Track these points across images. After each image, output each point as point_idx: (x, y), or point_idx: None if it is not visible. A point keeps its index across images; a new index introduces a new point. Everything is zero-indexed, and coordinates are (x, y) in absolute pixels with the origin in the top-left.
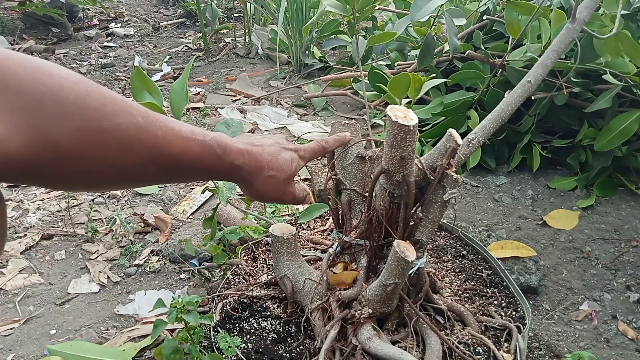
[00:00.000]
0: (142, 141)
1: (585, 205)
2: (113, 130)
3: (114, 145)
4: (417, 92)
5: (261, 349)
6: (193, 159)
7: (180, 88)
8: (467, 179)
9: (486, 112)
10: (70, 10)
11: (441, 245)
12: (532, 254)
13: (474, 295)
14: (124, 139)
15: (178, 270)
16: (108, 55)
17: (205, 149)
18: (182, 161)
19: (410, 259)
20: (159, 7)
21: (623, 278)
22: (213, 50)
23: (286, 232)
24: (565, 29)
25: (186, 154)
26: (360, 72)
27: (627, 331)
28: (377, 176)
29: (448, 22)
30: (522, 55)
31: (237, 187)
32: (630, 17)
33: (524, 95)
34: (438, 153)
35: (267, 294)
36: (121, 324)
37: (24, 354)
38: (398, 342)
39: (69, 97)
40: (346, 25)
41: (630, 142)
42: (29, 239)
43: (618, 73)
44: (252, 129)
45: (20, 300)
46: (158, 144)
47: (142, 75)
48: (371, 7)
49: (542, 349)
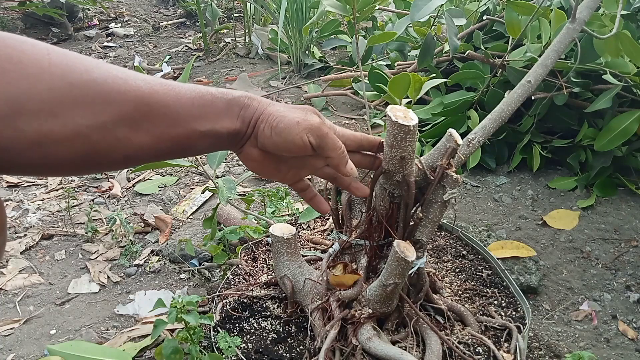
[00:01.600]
0: (124, 93)
1: (585, 205)
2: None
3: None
4: (417, 92)
5: (261, 349)
6: (186, 103)
7: None
8: (467, 179)
9: (486, 112)
10: (70, 10)
11: (441, 245)
12: (532, 254)
13: (474, 295)
14: (102, 93)
15: (178, 270)
16: (108, 56)
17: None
18: (175, 108)
19: (410, 259)
20: (159, 7)
21: (623, 278)
22: (213, 50)
23: (286, 232)
24: (565, 29)
25: (177, 98)
26: (360, 72)
27: (627, 331)
28: (377, 176)
29: (448, 22)
30: (522, 55)
31: (236, 188)
32: (630, 17)
33: (524, 95)
34: (438, 153)
35: (267, 294)
36: (121, 324)
37: (24, 354)
38: (398, 342)
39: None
40: (346, 25)
41: (630, 142)
42: (29, 239)
43: (618, 73)
44: None
45: (20, 300)
46: (142, 93)
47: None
48: (371, 7)
49: (542, 349)
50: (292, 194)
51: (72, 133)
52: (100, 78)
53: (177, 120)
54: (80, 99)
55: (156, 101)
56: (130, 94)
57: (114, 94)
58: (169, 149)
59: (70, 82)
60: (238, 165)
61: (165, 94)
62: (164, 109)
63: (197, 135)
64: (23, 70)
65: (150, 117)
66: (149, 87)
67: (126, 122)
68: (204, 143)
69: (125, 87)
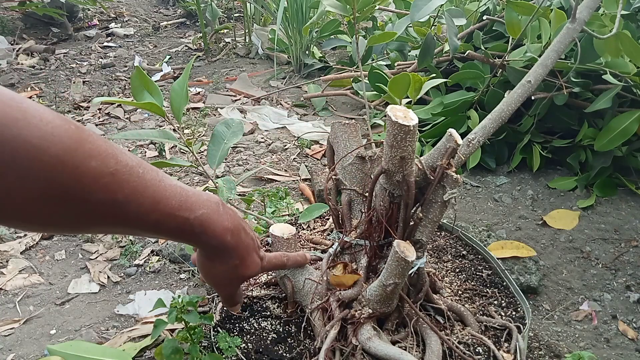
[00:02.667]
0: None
1: (585, 205)
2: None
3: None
4: (417, 92)
5: (261, 349)
6: (171, 227)
7: (180, 88)
8: (467, 179)
9: (486, 112)
10: (70, 10)
11: (441, 245)
12: (532, 254)
13: (474, 295)
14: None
15: (178, 270)
16: (108, 55)
17: (185, 224)
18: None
19: (410, 259)
20: (159, 7)
21: (623, 278)
22: (213, 50)
23: (286, 232)
24: (565, 29)
25: (165, 222)
26: (360, 72)
27: (627, 331)
28: (377, 176)
29: (448, 22)
30: (522, 55)
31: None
32: (630, 17)
33: (524, 95)
34: (438, 153)
35: (267, 294)
36: (121, 324)
37: (24, 354)
38: (398, 342)
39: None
40: (346, 25)
41: (630, 142)
42: (29, 239)
43: (618, 73)
44: (252, 129)
45: (20, 300)
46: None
47: (143, 76)
48: (371, 7)
49: (542, 349)
50: (292, 194)
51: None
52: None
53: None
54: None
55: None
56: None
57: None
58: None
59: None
60: (238, 165)
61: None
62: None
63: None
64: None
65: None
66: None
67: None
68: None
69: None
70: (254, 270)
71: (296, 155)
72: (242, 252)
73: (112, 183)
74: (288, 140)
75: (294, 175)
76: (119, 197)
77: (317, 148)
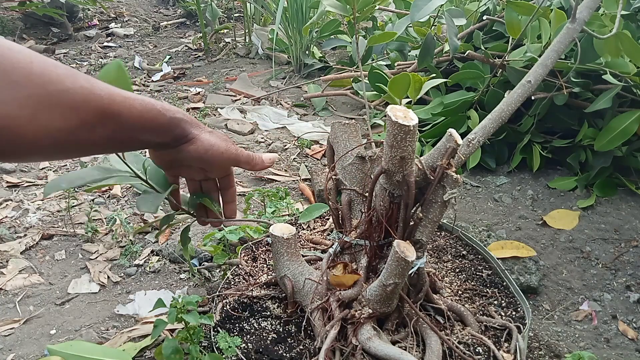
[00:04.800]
0: (88, 102)
1: (585, 205)
2: (60, 94)
3: (62, 107)
4: (417, 92)
5: (261, 349)
6: (136, 115)
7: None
8: (467, 179)
9: (486, 112)
10: (70, 10)
11: (441, 245)
12: (532, 254)
13: (474, 295)
14: (71, 101)
15: (178, 270)
16: (108, 55)
17: (146, 105)
18: (126, 118)
19: (410, 259)
20: (159, 7)
21: (623, 278)
22: (213, 50)
23: (286, 232)
24: (565, 29)
25: (130, 110)
26: (360, 72)
27: (627, 331)
28: (377, 176)
29: (448, 22)
30: (522, 55)
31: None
32: (630, 17)
33: (524, 95)
34: (438, 153)
35: (267, 294)
36: (121, 324)
37: (24, 354)
38: (398, 342)
39: (13, 65)
40: (346, 25)
41: (630, 142)
42: (29, 239)
43: (618, 73)
44: (252, 129)
45: (20, 300)
46: (102, 103)
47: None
48: (371, 7)
49: (542, 349)
50: (292, 194)
51: (43, 135)
52: (71, 88)
53: (124, 128)
54: (54, 106)
55: (112, 111)
56: (92, 103)
57: (80, 102)
58: (111, 147)
59: (47, 91)
60: None
61: (120, 103)
62: (117, 117)
63: (136, 142)
64: (7, 78)
65: (104, 122)
66: (109, 97)
67: (86, 126)
68: (137, 146)
69: (90, 97)
70: (233, 150)
71: (296, 155)
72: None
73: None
74: (288, 140)
75: (294, 175)
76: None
77: (317, 148)
